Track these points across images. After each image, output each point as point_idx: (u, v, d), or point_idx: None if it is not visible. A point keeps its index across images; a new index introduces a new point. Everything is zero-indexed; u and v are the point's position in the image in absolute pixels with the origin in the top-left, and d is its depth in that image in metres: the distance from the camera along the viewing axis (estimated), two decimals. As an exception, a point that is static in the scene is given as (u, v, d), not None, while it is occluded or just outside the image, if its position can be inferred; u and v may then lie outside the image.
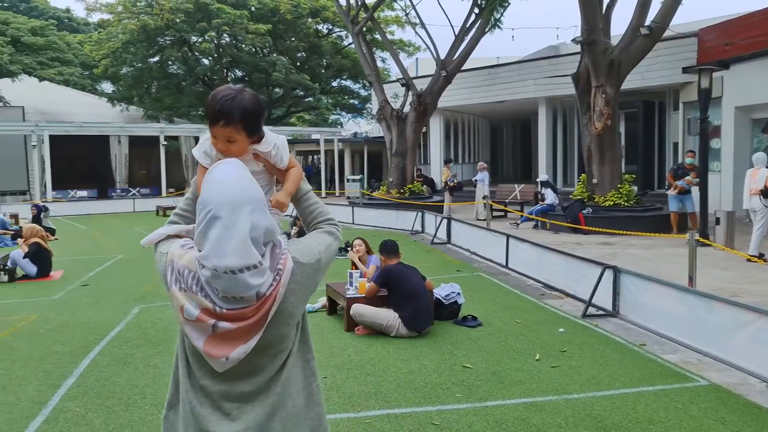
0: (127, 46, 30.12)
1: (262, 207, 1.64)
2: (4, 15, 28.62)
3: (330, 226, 1.94)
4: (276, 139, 1.88)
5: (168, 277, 1.65)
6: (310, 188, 1.99)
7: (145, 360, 5.59)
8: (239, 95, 1.74)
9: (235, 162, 1.71)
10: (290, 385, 1.78)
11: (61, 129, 24.32)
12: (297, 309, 1.76)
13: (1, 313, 7.59)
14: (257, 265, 1.58)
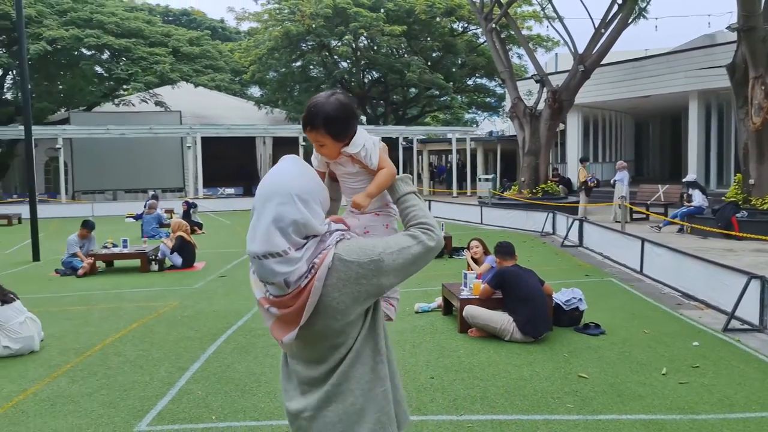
0: (271, 52, 31.86)
1: (293, 200, 1.67)
2: (167, 28, 31.43)
3: (416, 230, 1.85)
4: (365, 141, 1.90)
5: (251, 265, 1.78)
6: (410, 190, 1.93)
7: (264, 349, 5.87)
8: (326, 101, 1.82)
9: (291, 158, 1.79)
10: (350, 381, 1.80)
11: (212, 131, 26.28)
12: (346, 306, 1.74)
13: (148, 299, 8.32)
14: (281, 253, 1.65)
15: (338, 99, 1.84)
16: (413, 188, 1.92)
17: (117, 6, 30.72)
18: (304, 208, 1.69)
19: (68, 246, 10.30)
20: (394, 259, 1.77)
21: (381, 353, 1.88)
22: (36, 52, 25.41)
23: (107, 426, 4.23)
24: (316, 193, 1.75)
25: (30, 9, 26.14)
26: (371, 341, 1.86)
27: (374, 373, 1.85)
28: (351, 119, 1.87)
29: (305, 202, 1.70)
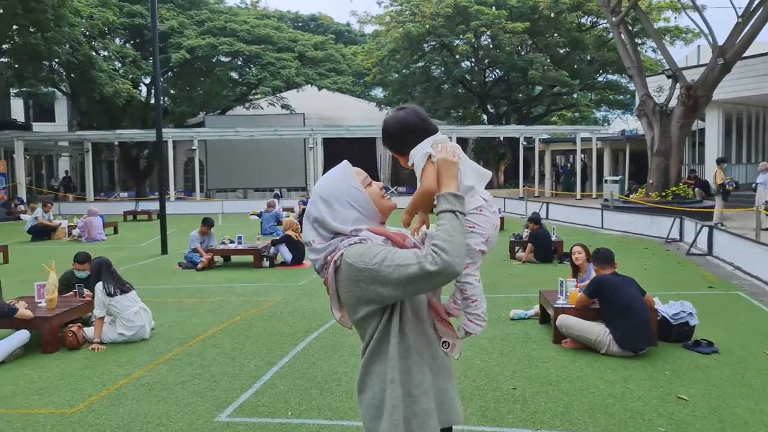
0: (392, 53, 32.27)
1: (317, 200, 1.95)
2: (294, 34, 32.84)
3: (429, 250, 1.76)
4: (416, 153, 1.94)
5: None
6: (448, 208, 1.83)
7: (351, 349, 5.94)
8: (389, 118, 2.02)
9: (341, 164, 2.04)
10: (370, 376, 1.94)
11: (331, 132, 27.09)
12: (352, 304, 1.90)
13: (255, 294, 8.72)
14: (309, 243, 1.96)
15: (397, 115, 1.98)
16: (453, 206, 1.81)
17: (249, 14, 32.53)
18: (324, 207, 1.91)
19: (190, 241, 11.04)
20: (390, 273, 1.77)
21: (390, 358, 1.91)
22: (177, 60, 27.50)
23: (192, 414, 4.47)
24: (342, 196, 1.92)
25: (173, 21, 28.36)
26: (385, 344, 1.91)
27: (386, 375, 1.91)
28: (407, 134, 1.95)
29: (326, 203, 1.92)
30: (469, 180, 1.90)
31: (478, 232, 1.92)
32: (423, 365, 1.93)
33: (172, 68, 30.39)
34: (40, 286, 6.35)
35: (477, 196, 1.91)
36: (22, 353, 5.85)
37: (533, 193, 28.51)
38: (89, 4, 24.91)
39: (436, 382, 1.95)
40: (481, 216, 1.92)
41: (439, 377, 1.97)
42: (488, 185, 8.44)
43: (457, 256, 1.74)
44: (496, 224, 1.98)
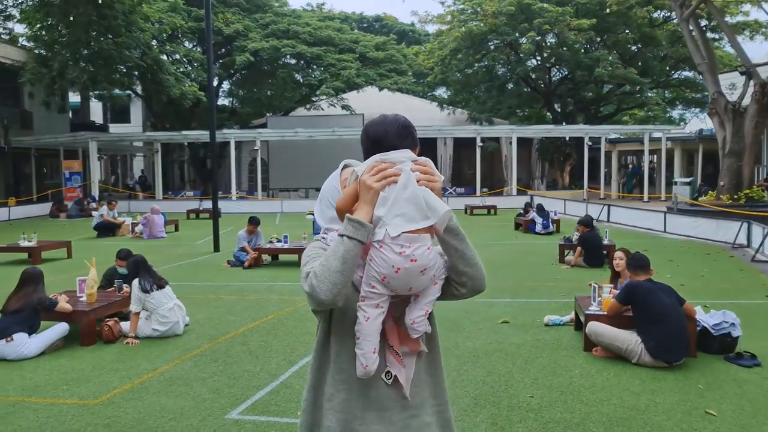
0: (454, 53, 32.01)
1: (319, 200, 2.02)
2: (355, 35, 33.09)
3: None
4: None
5: None
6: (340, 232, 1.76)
7: (374, 351, 5.90)
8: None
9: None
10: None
11: (390, 133, 27.14)
12: None
13: (293, 292, 8.81)
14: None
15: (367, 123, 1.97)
16: (343, 230, 1.74)
17: (311, 17, 33.01)
18: (317, 206, 2.02)
19: (238, 240, 11.29)
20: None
21: (312, 363, 1.97)
22: (241, 63, 28.23)
23: (205, 411, 4.55)
24: (326, 195, 1.98)
25: (238, 24, 29.13)
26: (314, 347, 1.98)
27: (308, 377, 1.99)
28: (361, 143, 1.92)
29: (318, 202, 2.02)
30: (380, 210, 1.73)
31: (372, 267, 1.75)
32: (339, 382, 1.85)
33: (237, 70, 31.22)
34: (81, 281, 6.64)
35: (383, 228, 1.72)
36: (62, 345, 6.13)
37: (599, 195, 27.64)
38: (159, 9, 25.92)
39: (351, 407, 1.84)
40: (379, 252, 1.73)
41: (359, 402, 1.84)
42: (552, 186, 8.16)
43: (323, 283, 1.67)
44: (407, 267, 1.73)
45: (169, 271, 10.67)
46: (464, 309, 7.61)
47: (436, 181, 1.78)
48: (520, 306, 7.80)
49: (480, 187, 26.55)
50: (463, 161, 33.93)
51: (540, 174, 35.87)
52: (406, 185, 1.73)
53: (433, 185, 1.77)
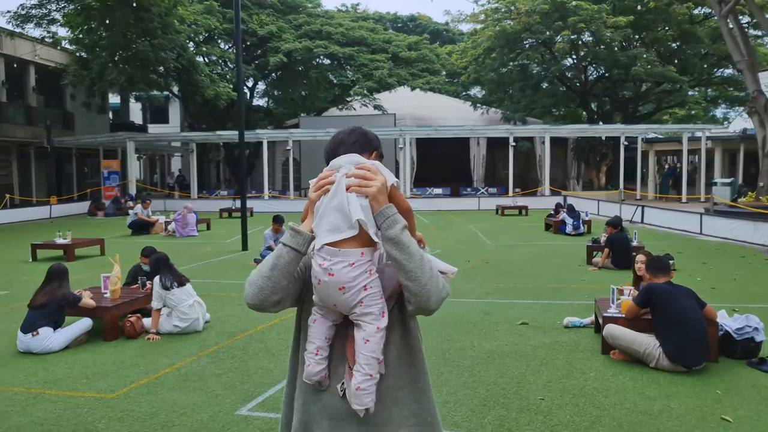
0: (488, 52, 31.79)
1: None
2: (388, 35, 33.13)
3: None
4: None
5: None
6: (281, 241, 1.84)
7: (389, 350, 5.91)
8: None
9: None
10: None
11: (420, 132, 27.10)
12: None
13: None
14: None
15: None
16: (283, 237, 1.78)
17: (344, 17, 33.17)
18: None
19: (264, 239, 11.42)
20: None
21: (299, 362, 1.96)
22: (275, 64, 28.53)
23: (216, 406, 4.62)
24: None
25: (272, 26, 29.44)
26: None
27: None
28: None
29: None
30: (315, 220, 1.72)
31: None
32: (303, 383, 1.87)
33: (271, 71, 31.56)
34: (106, 277, 6.81)
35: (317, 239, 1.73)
36: (85, 340, 6.30)
37: (635, 195, 27.11)
38: (194, 11, 26.38)
39: (311, 410, 1.84)
40: (312, 262, 1.73)
41: (317, 407, 1.83)
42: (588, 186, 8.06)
43: (250, 286, 1.73)
44: (325, 281, 1.69)
45: (196, 269, 10.87)
46: (484, 310, 7.57)
47: (369, 186, 1.66)
48: (542, 307, 7.71)
49: (513, 187, 26.29)
50: (497, 161, 33.63)
51: (575, 174, 35.34)
52: (335, 193, 1.66)
53: (366, 191, 1.66)
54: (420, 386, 1.84)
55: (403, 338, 1.82)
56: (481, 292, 8.66)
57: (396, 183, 1.72)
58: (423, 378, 1.86)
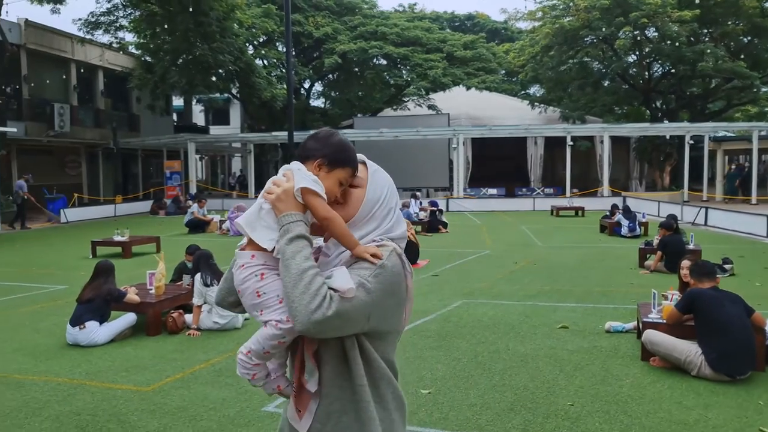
0: (546, 50, 31.19)
1: None
2: (443, 34, 32.99)
3: None
4: None
5: (407, 265, 1.71)
6: None
7: (422, 351, 5.88)
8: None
9: None
10: None
11: (474, 132, 26.85)
12: None
13: (358, 291, 8.92)
14: None
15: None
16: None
17: (400, 17, 33.22)
18: None
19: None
20: None
21: None
22: (330, 65, 28.87)
23: (244, 402, 4.71)
24: None
25: (327, 27, 29.82)
26: None
27: None
28: None
29: None
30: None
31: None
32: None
33: (327, 73, 31.95)
34: (151, 274, 7.04)
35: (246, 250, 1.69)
36: (130, 334, 6.53)
37: (701, 197, 26.04)
38: (253, 15, 26.98)
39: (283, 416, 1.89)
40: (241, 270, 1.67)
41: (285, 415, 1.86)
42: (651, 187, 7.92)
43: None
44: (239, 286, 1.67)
45: (244, 266, 11.09)
46: (525, 313, 7.43)
47: (271, 193, 1.63)
48: (585, 311, 7.51)
49: (571, 187, 25.71)
50: (556, 161, 32.97)
51: (638, 175, 34.25)
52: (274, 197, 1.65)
53: (267, 197, 1.64)
54: (365, 417, 1.67)
55: (340, 359, 1.67)
56: (523, 295, 8.51)
57: (311, 188, 1.61)
58: (368, 408, 1.67)
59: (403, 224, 1.78)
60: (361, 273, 1.59)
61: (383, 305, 1.63)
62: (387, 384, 1.72)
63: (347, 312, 1.54)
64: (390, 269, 1.63)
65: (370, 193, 1.72)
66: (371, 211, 1.72)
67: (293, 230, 1.59)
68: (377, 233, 1.72)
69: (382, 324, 1.67)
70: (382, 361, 1.71)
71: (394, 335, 1.77)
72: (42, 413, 4.58)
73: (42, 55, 26.09)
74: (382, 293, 1.61)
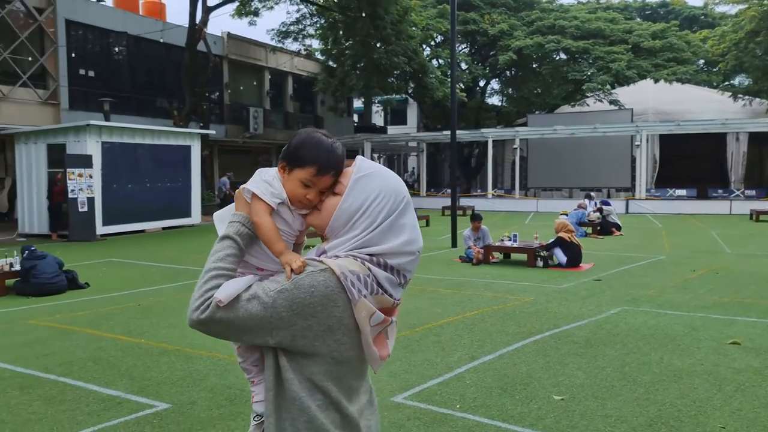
0: (752, 35, 27.91)
1: None
2: (628, 24, 30.90)
3: None
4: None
5: (351, 290, 1.53)
6: None
7: (564, 356, 5.62)
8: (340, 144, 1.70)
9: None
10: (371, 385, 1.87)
11: (660, 128, 24.82)
12: None
13: (509, 291, 8.74)
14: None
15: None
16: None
17: (581, 9, 31.73)
18: None
19: (464, 239, 11.57)
20: None
21: None
22: (504, 62, 28.46)
23: (379, 390, 4.58)
24: None
25: (503, 24, 29.41)
26: None
27: None
28: None
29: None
30: None
31: None
32: None
33: (502, 70, 31.54)
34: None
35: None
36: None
37: None
38: (428, 16, 27.47)
39: None
40: None
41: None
42: None
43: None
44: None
45: (403, 262, 11.38)
46: (692, 324, 6.78)
47: None
48: (767, 328, 6.65)
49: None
50: (764, 159, 29.49)
51: None
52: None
53: None
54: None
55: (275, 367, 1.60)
56: (695, 305, 7.75)
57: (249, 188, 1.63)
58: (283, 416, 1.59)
59: (400, 237, 1.59)
60: (267, 285, 1.54)
61: (293, 324, 1.51)
62: (297, 412, 1.56)
63: (227, 320, 1.52)
64: (305, 288, 1.51)
65: (346, 202, 1.59)
66: (350, 220, 1.60)
67: (226, 230, 1.63)
68: (350, 245, 1.59)
69: (298, 345, 1.54)
70: (302, 385, 1.56)
71: (325, 360, 1.56)
72: (201, 384, 5.11)
73: (240, 64, 28.89)
74: (288, 311, 1.51)
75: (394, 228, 1.60)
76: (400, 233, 1.60)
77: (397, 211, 1.60)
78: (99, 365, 5.59)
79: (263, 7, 27.24)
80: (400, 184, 1.64)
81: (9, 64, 19.46)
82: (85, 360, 5.73)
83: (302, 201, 1.63)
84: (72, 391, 4.95)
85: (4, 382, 5.19)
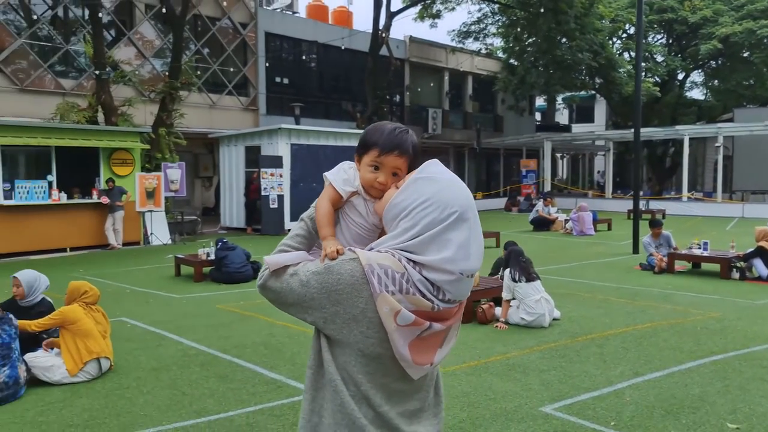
0: None
1: None
2: None
3: None
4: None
5: (373, 282, 1.51)
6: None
7: (748, 381, 4.98)
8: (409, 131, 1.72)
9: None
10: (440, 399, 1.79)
11: None
12: None
13: (692, 305, 7.91)
14: None
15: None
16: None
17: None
18: None
19: (644, 246, 10.70)
20: None
21: None
22: (706, 52, 25.85)
23: (524, 399, 4.69)
24: None
25: (706, 10, 26.71)
26: None
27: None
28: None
29: None
30: None
31: None
32: None
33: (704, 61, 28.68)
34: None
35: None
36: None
37: None
38: (618, 7, 25.83)
39: None
40: None
41: None
42: None
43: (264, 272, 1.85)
44: None
45: (573, 268, 10.89)
46: None
47: None
48: None
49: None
50: None
51: None
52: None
53: None
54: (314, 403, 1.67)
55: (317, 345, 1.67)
56: None
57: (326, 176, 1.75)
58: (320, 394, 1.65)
59: (442, 253, 1.51)
60: (308, 266, 1.62)
61: (324, 307, 1.57)
62: (332, 393, 1.60)
63: (276, 289, 1.64)
64: (334, 275, 1.54)
65: (399, 197, 1.60)
66: (396, 217, 1.59)
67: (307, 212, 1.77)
68: (391, 244, 1.57)
69: (328, 329, 1.58)
70: (337, 370, 1.59)
71: (354, 351, 1.56)
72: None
73: (421, 66, 29.49)
74: (320, 294, 1.56)
75: (437, 241, 1.53)
76: (443, 248, 1.53)
77: (444, 223, 1.53)
78: (268, 350, 6.05)
79: (445, 9, 27.55)
80: (458, 198, 1.56)
81: (218, 75, 21.79)
82: (257, 344, 6.24)
83: (374, 186, 1.68)
84: (242, 372, 5.42)
85: (189, 359, 5.83)
